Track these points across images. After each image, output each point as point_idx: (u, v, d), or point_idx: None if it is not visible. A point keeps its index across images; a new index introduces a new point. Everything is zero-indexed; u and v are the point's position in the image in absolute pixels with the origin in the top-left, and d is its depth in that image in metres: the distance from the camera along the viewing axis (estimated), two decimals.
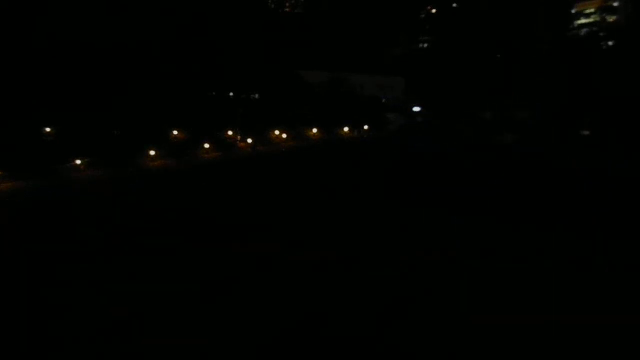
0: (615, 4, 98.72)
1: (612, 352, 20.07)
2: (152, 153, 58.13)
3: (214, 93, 78.41)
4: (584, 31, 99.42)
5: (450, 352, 20.09)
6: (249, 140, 69.82)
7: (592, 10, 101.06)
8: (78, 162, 52.50)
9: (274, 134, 75.13)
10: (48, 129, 56.57)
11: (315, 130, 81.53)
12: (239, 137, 71.36)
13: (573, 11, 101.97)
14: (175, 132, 64.60)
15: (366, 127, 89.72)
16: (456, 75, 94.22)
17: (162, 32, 69.02)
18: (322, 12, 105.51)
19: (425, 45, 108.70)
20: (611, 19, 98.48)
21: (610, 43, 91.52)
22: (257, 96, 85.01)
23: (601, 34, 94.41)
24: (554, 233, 34.92)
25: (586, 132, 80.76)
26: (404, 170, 58.05)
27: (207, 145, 64.25)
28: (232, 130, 71.29)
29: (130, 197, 44.90)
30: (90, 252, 30.65)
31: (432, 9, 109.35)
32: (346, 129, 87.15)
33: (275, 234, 34.56)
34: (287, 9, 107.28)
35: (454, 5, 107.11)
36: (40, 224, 36.77)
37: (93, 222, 37.19)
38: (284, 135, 75.82)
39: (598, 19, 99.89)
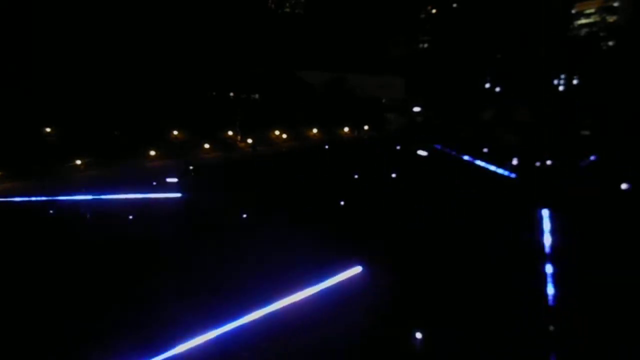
0: (615, 4, 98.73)
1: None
2: (152, 153, 58.23)
3: (214, 93, 78.44)
4: (584, 31, 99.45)
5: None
6: (249, 140, 69.87)
7: (592, 10, 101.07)
8: (78, 162, 52.59)
9: (274, 134, 75.18)
10: (48, 129, 56.66)
11: (315, 130, 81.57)
12: (239, 137, 71.44)
13: (573, 11, 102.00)
14: (175, 132, 64.69)
15: (366, 127, 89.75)
16: (456, 75, 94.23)
17: (163, 32, 69.05)
18: (322, 12, 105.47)
19: (425, 45, 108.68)
20: (611, 19, 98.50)
21: (610, 43, 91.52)
22: (257, 96, 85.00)
23: (601, 34, 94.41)
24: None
25: (586, 132, 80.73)
26: None
27: (207, 145, 64.31)
28: (232, 130, 71.39)
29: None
30: (90, 251, 30.67)
31: (432, 9, 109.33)
32: (346, 129, 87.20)
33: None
34: (287, 9, 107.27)
35: (454, 5, 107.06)
36: (40, 224, 36.77)
37: (93, 222, 37.19)
38: (284, 135, 75.87)
39: (598, 19, 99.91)
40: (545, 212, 34.49)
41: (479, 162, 58.07)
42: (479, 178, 52.38)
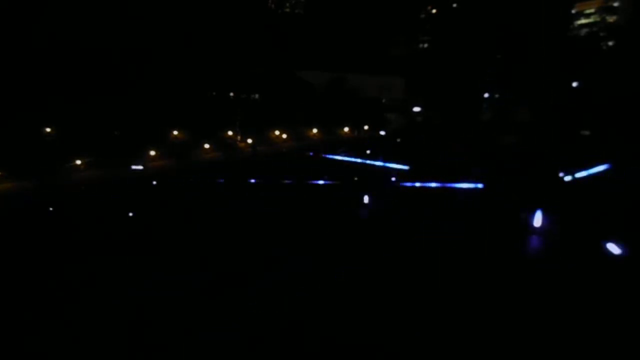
0: (615, 4, 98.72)
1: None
2: (152, 153, 58.25)
3: (214, 93, 78.47)
4: (584, 31, 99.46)
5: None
6: (249, 140, 69.90)
7: (592, 10, 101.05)
8: (78, 162, 52.60)
9: (274, 134, 75.20)
10: (48, 129, 56.64)
11: (315, 130, 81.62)
12: (239, 137, 71.48)
13: (573, 11, 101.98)
14: (175, 132, 64.72)
15: (366, 127, 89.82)
16: (456, 75, 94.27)
17: (162, 31, 69.07)
18: (322, 12, 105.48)
19: (425, 45, 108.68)
20: (611, 19, 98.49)
21: (610, 43, 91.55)
22: (257, 96, 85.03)
23: (601, 34, 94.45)
24: None
25: (586, 132, 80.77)
26: None
27: (207, 145, 64.35)
28: (232, 130, 71.42)
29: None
30: (90, 251, 30.66)
31: (432, 9, 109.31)
32: (346, 129, 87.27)
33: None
34: (287, 9, 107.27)
35: (454, 5, 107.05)
36: (40, 223, 36.79)
37: (92, 221, 37.19)
38: (284, 135, 75.89)
39: (598, 19, 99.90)
40: None
41: None
42: None
